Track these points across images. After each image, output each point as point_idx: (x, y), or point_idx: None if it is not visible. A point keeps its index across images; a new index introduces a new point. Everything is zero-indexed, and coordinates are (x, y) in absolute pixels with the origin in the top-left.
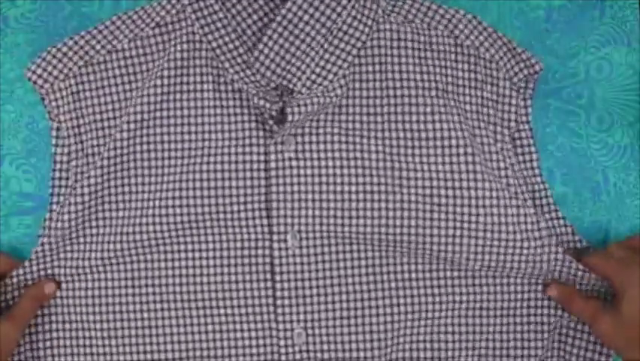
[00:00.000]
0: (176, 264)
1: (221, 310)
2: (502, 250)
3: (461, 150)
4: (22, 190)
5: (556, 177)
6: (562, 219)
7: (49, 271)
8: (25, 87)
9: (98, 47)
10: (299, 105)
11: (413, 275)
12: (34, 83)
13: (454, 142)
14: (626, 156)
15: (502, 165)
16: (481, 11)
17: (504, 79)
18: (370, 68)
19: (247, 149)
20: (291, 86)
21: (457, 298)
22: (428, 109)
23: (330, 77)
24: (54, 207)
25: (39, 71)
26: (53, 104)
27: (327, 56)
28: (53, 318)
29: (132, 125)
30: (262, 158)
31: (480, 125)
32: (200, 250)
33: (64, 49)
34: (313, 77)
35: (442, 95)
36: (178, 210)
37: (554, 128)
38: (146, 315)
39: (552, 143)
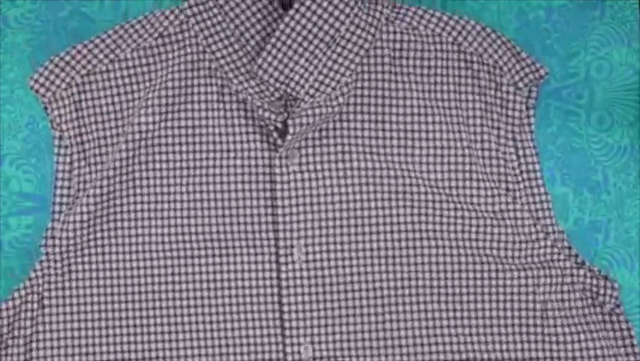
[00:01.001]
0: (182, 278)
1: (228, 325)
2: (502, 253)
3: (460, 159)
4: (22, 190)
5: (556, 177)
6: (556, 225)
7: (54, 286)
8: (25, 87)
9: (101, 55)
10: (300, 117)
11: (420, 291)
12: (37, 92)
13: (452, 151)
14: (626, 156)
15: (502, 170)
16: (481, 11)
17: (508, 84)
18: (372, 76)
19: (252, 161)
20: (294, 93)
21: (458, 306)
22: (429, 118)
23: (333, 84)
24: (56, 216)
25: (42, 80)
26: (55, 112)
27: (330, 63)
28: (48, 334)
29: (137, 136)
30: (267, 171)
31: (483, 130)
32: (206, 264)
33: (67, 58)
34: (316, 84)
35: (444, 102)
36: (186, 221)
37: (554, 128)
38: (152, 329)
39: (552, 143)
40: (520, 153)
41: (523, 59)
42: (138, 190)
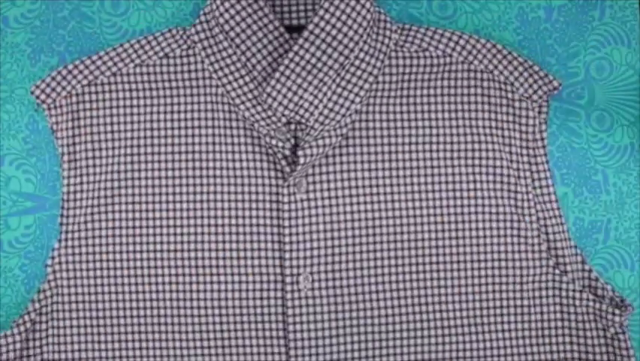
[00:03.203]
0: (188, 304)
1: (234, 349)
2: (503, 264)
3: (464, 178)
4: (22, 190)
5: (556, 177)
6: (574, 248)
7: (61, 307)
8: (25, 87)
9: (104, 68)
10: (310, 147)
11: (424, 316)
12: (37, 97)
13: (456, 169)
14: (626, 156)
15: (512, 187)
16: (481, 11)
17: (519, 100)
18: (378, 101)
19: (260, 189)
20: (302, 120)
21: (460, 331)
22: (434, 138)
23: (343, 111)
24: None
25: (43, 86)
26: (53, 119)
27: (339, 90)
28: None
29: (142, 158)
30: (275, 198)
31: (494, 148)
32: (212, 291)
33: (71, 67)
34: (326, 111)
35: (452, 121)
36: (190, 246)
37: (554, 128)
38: (158, 352)
39: (552, 143)
40: (534, 169)
41: (535, 72)
42: (144, 214)
